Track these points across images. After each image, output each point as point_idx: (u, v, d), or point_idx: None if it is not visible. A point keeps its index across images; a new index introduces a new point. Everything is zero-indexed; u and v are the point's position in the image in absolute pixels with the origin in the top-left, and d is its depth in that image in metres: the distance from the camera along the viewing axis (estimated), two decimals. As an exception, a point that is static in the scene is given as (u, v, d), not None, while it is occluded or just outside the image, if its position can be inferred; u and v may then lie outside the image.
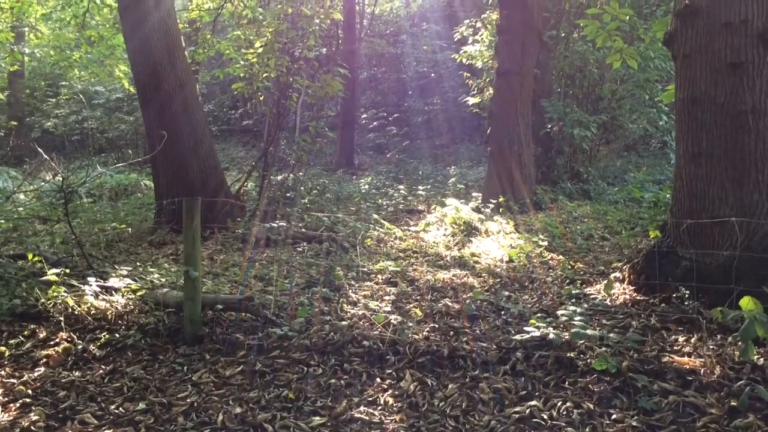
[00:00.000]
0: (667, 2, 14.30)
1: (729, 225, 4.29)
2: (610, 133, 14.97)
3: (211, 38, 13.23)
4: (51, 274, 5.17)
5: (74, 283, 5.31)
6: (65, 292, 5.06)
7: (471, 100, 15.40)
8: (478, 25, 15.02)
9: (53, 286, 5.08)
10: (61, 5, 14.12)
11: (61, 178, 6.60)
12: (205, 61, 16.55)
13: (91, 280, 5.31)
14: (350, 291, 5.86)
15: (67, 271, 5.42)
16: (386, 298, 5.70)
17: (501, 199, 10.25)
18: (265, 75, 9.81)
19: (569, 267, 6.58)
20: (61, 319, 4.83)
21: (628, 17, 8.68)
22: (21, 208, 9.57)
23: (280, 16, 10.86)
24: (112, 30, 14.37)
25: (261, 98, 10.54)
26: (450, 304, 5.48)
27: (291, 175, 10.21)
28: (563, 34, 13.88)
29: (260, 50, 9.83)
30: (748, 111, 4.39)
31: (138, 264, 6.73)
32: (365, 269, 6.78)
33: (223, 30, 18.98)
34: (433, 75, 23.18)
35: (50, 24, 16.46)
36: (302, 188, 10.33)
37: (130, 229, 8.09)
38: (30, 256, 5.85)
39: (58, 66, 18.01)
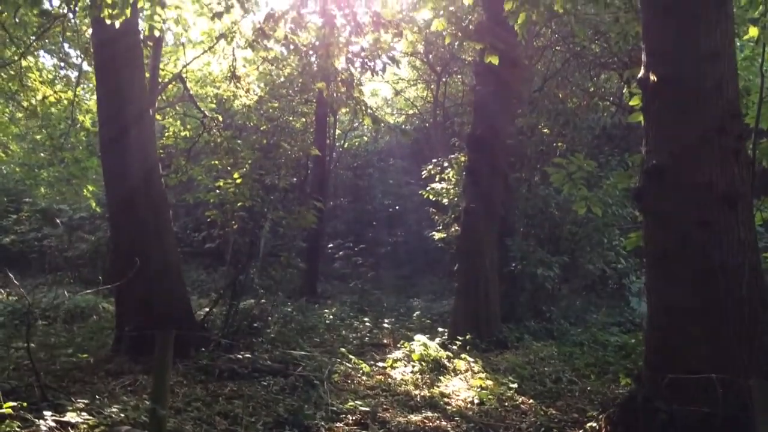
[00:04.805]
0: (620, 153, 15.27)
1: (707, 380, 4.33)
2: (570, 272, 15.33)
3: (185, 164, 13.46)
4: (7, 407, 4.87)
5: (29, 417, 5.01)
6: (19, 427, 4.75)
7: (437, 235, 15.73)
8: (446, 164, 15.66)
9: (7, 420, 4.77)
10: (37, 126, 14.29)
11: (17, 298, 6.40)
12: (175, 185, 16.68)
13: (47, 414, 5.02)
14: (320, 433, 5.65)
15: (24, 404, 5.12)
16: (358, 442, 5.51)
17: (468, 336, 10.22)
18: (240, 204, 9.95)
19: (542, 413, 6.50)
20: (12, 458, 4.51)
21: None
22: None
23: (255, 146, 11.21)
24: (86, 152, 14.52)
25: (235, 227, 10.63)
26: (424, 450, 5.31)
27: (258, 303, 10.09)
28: (526, 177, 14.56)
29: (239, 181, 10.04)
30: (717, 268, 4.59)
31: (96, 396, 6.39)
32: (335, 408, 6.57)
33: (196, 156, 19.35)
34: (398, 207, 23.78)
35: (23, 144, 16.54)
36: (269, 318, 10.15)
37: (92, 360, 7.74)
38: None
39: (23, 182, 17.91)
